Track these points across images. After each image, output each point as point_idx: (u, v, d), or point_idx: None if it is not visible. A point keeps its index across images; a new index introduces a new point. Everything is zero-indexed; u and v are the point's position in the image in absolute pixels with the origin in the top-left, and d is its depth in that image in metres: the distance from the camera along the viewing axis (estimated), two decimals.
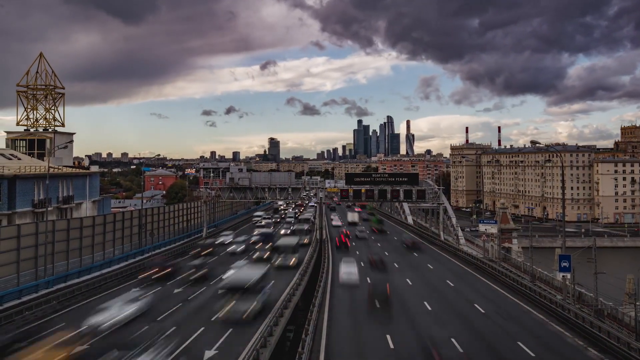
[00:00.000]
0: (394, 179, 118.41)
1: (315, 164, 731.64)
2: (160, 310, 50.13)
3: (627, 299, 66.28)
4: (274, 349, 39.71)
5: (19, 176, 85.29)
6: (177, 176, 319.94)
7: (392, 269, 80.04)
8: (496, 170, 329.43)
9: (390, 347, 41.25)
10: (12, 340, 35.49)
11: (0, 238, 53.31)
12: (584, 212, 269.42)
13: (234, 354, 37.40)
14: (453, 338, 43.10)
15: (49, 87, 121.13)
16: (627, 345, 39.69)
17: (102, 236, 74.53)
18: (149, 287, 60.73)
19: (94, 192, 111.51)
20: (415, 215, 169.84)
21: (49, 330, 41.92)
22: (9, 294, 51.95)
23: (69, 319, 47.44)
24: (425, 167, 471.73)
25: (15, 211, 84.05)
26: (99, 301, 53.06)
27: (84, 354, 36.14)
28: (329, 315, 50.76)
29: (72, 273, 64.66)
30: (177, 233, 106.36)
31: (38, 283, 57.45)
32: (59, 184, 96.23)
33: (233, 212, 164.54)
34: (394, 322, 48.71)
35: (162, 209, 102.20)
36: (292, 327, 54.07)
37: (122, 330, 42.59)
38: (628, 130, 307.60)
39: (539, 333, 45.75)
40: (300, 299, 57.83)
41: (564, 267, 58.40)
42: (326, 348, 41.09)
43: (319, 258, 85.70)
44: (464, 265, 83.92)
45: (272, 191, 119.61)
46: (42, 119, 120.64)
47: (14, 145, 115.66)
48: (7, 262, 54.16)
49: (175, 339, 39.62)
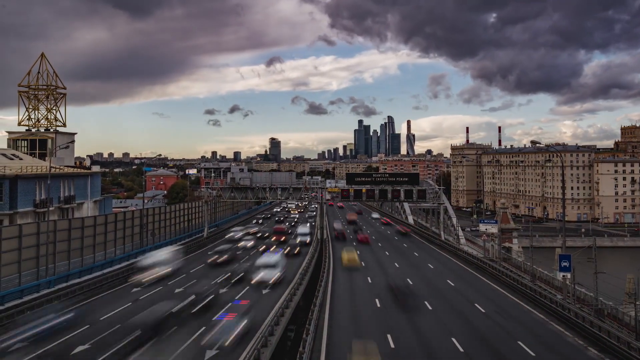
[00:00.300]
0: (394, 179, 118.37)
1: (316, 164, 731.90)
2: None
3: (627, 299, 66.23)
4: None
5: (21, 176, 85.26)
6: (178, 176, 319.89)
7: (392, 267, 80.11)
8: (496, 170, 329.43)
9: (391, 347, 41.28)
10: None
11: (1, 238, 53.20)
12: (584, 211, 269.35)
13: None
14: (453, 337, 43.08)
15: (51, 87, 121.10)
16: (627, 345, 39.65)
17: (104, 236, 74.41)
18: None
19: (96, 192, 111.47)
20: (416, 215, 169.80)
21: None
22: (10, 293, 51.94)
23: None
24: (426, 167, 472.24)
25: (17, 211, 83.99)
26: (100, 301, 53.05)
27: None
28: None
29: (74, 273, 64.61)
30: (178, 233, 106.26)
31: (39, 283, 57.41)
32: (60, 184, 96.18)
33: (234, 212, 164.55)
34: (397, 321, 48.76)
35: (163, 209, 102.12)
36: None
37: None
38: (628, 131, 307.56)
39: (540, 332, 45.72)
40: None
41: (564, 266, 58.37)
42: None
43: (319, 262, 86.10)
44: (465, 264, 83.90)
45: (273, 191, 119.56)
46: (44, 119, 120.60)
47: (15, 146, 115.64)
48: (8, 262, 54.07)
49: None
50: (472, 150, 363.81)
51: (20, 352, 36.17)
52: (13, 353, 35.95)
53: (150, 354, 37.14)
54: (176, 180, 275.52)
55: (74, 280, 63.15)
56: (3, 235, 53.70)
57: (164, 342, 39.63)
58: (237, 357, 36.61)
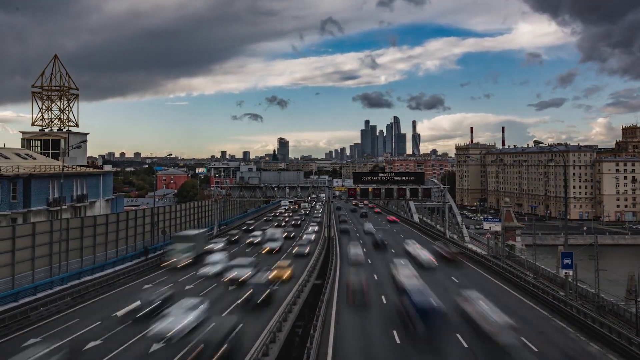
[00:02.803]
0: (400, 178, 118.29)
1: (324, 163, 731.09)
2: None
3: (628, 295, 65.94)
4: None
5: (34, 175, 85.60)
6: (189, 175, 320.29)
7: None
8: (500, 170, 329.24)
9: (397, 342, 41.22)
10: None
11: (15, 236, 53.45)
12: (586, 210, 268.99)
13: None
14: (458, 333, 42.97)
15: (64, 88, 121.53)
16: (627, 340, 39.54)
17: (115, 234, 74.66)
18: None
19: (107, 191, 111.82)
20: (421, 214, 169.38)
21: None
22: (24, 290, 52.14)
23: (83, 314, 47.61)
24: (431, 166, 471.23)
25: (31, 209, 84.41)
26: (112, 297, 53.14)
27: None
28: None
29: (86, 270, 64.81)
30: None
31: (52, 280, 57.60)
32: (73, 183, 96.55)
33: (243, 210, 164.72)
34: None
35: (173, 207, 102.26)
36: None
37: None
38: (629, 131, 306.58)
39: (543, 328, 45.57)
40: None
41: (566, 264, 58.23)
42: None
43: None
44: (469, 262, 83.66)
45: (281, 190, 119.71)
46: (57, 120, 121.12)
47: (29, 145, 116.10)
48: (22, 259, 54.37)
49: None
50: (476, 150, 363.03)
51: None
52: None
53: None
54: (186, 180, 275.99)
55: (86, 277, 63.30)
56: (17, 233, 53.93)
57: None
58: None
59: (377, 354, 38.64)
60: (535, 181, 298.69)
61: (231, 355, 34.82)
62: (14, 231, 53.89)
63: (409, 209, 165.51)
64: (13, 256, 52.91)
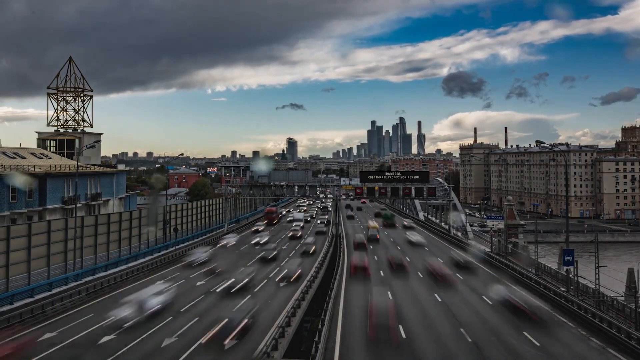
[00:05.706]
0: (406, 177, 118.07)
1: (331, 162, 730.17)
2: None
3: (627, 291, 65.68)
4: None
5: (50, 174, 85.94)
6: (200, 174, 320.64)
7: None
8: (503, 169, 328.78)
9: (403, 337, 41.17)
10: None
11: (31, 233, 53.63)
12: (587, 208, 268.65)
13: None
14: (462, 328, 42.91)
15: (78, 90, 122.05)
16: (627, 335, 39.46)
17: (129, 231, 74.82)
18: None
19: (121, 190, 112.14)
20: (426, 212, 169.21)
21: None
22: (40, 286, 52.26)
23: (97, 310, 47.71)
24: (436, 166, 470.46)
25: (46, 207, 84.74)
26: (125, 293, 53.32)
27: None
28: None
29: (100, 266, 64.86)
30: (200, 228, 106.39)
31: (67, 276, 57.65)
32: (87, 181, 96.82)
33: (253, 208, 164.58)
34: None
35: (185, 206, 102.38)
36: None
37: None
38: (628, 131, 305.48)
39: (545, 323, 45.41)
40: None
41: (567, 260, 58.17)
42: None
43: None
44: (473, 258, 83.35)
45: (290, 188, 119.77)
46: (72, 120, 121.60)
47: (44, 145, 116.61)
48: (38, 256, 54.58)
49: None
50: (480, 150, 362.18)
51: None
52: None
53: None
54: (198, 178, 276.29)
55: (101, 273, 63.34)
56: (33, 230, 54.10)
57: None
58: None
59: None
60: (537, 180, 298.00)
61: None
62: (29, 229, 54.05)
63: (414, 207, 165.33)
64: (29, 253, 53.08)
